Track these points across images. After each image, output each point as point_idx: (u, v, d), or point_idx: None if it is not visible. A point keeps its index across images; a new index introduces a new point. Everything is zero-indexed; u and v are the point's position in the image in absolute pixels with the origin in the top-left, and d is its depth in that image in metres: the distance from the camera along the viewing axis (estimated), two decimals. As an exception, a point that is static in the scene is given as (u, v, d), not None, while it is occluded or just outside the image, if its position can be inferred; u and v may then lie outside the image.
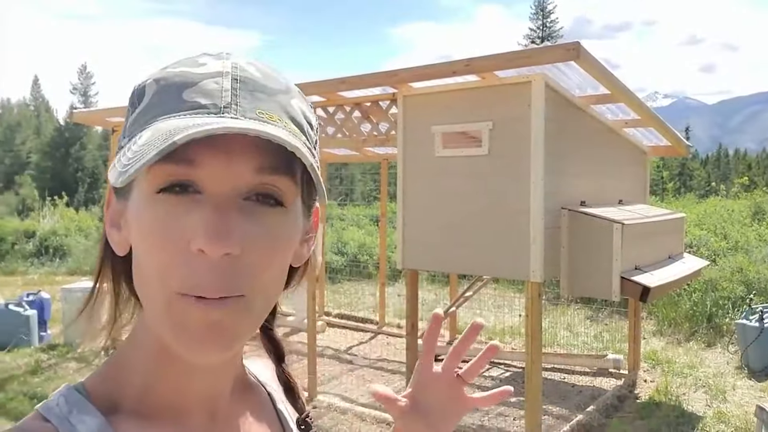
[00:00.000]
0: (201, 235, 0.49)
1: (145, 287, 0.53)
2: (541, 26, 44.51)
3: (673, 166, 29.76)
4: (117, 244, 0.57)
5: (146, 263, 0.52)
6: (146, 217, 0.51)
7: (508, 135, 4.00)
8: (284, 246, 0.55)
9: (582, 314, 8.37)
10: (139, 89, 0.55)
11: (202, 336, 0.51)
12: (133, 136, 0.52)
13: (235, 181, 0.51)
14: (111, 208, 0.58)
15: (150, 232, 0.51)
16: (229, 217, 0.50)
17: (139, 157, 0.47)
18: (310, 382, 5.29)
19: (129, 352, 0.59)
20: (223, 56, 0.55)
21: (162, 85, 0.53)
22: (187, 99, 0.51)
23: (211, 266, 0.49)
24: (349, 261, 11.50)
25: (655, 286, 4.13)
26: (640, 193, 5.76)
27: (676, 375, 5.92)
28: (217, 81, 0.52)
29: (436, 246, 4.36)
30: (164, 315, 0.51)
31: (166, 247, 0.50)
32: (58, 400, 0.54)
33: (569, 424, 4.67)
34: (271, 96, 0.54)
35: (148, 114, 0.52)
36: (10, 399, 5.39)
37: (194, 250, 0.49)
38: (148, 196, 0.51)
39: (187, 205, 0.50)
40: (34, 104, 75.13)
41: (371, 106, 4.81)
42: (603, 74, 4.05)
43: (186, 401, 0.59)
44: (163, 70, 0.55)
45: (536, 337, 3.97)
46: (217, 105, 0.51)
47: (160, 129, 0.48)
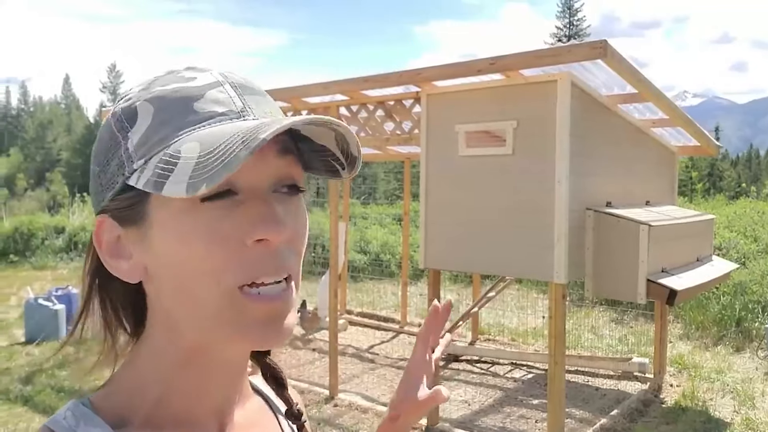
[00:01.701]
0: (261, 226, 0.53)
1: (191, 293, 0.54)
2: (568, 24, 44.06)
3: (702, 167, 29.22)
4: (128, 273, 0.57)
5: (194, 271, 0.53)
6: (194, 226, 0.52)
7: (533, 134, 3.96)
8: (306, 230, 0.60)
9: (607, 316, 8.26)
10: (127, 111, 0.55)
11: (266, 327, 0.55)
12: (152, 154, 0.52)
13: (265, 171, 0.55)
14: (106, 239, 0.57)
15: (200, 239, 0.52)
16: (276, 206, 0.55)
17: (217, 160, 0.48)
18: (332, 381, 5.30)
19: (138, 368, 0.60)
20: (203, 69, 0.58)
21: (163, 102, 0.54)
22: (200, 110, 0.53)
23: (270, 254, 0.54)
24: (372, 260, 11.50)
25: (682, 289, 4.05)
26: (668, 193, 5.66)
27: (703, 380, 5.81)
28: (220, 90, 0.55)
29: (458, 246, 4.34)
30: (224, 311, 0.53)
31: (221, 248, 0.52)
32: (65, 414, 0.55)
33: (592, 427, 4.60)
34: (263, 97, 0.59)
35: (161, 131, 0.53)
36: (39, 392, 5.50)
37: (250, 243, 0.53)
38: (189, 207, 0.52)
39: (230, 206, 0.53)
40: (65, 102, 76.71)
41: (395, 104, 4.80)
42: (630, 73, 3.98)
43: (200, 412, 0.60)
44: (149, 90, 0.56)
45: (560, 339, 3.92)
46: (234, 111, 0.54)
47: (214, 135, 0.50)
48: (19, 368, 6.20)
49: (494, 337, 7.41)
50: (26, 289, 8.52)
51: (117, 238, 0.57)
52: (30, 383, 5.72)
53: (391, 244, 12.15)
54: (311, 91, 5.08)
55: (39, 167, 54.54)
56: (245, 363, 0.65)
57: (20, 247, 13.67)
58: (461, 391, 5.53)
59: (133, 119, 0.55)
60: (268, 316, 0.54)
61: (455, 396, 5.41)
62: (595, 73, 4.22)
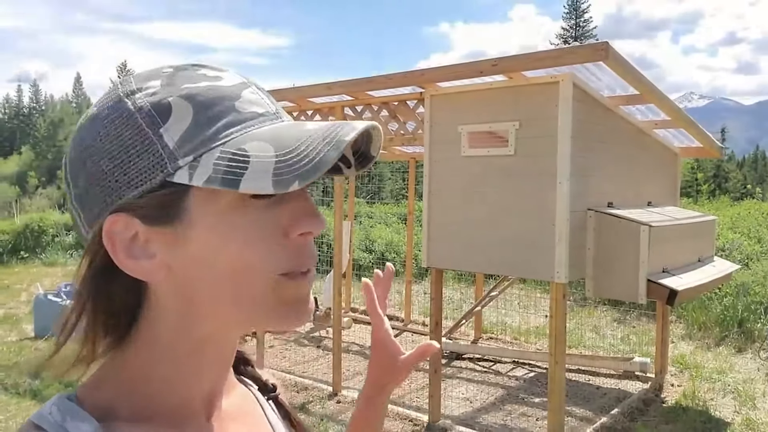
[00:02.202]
0: (306, 220, 0.58)
1: (231, 284, 0.56)
2: (575, 25, 43.92)
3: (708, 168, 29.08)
4: (148, 272, 0.55)
5: (239, 262, 0.55)
6: (242, 221, 0.55)
7: (535, 135, 4.01)
8: None
9: (609, 316, 8.29)
10: (160, 106, 0.53)
11: (300, 306, 0.59)
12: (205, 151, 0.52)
13: None
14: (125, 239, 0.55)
15: (248, 233, 0.55)
16: (313, 202, 0.59)
17: (305, 159, 0.51)
18: (335, 377, 5.36)
19: (127, 363, 0.59)
20: (221, 68, 0.59)
21: (201, 101, 0.54)
22: (243, 110, 0.55)
23: (308, 245, 0.59)
24: (377, 258, 11.57)
25: (682, 290, 4.08)
26: (671, 194, 5.69)
27: (705, 380, 5.84)
28: (252, 91, 0.58)
29: (461, 245, 4.39)
30: (269, 296, 0.57)
31: (266, 240, 0.56)
32: (50, 409, 0.54)
33: (593, 426, 4.65)
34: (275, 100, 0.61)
35: (207, 128, 0.53)
36: (47, 386, 5.59)
37: (294, 236, 0.57)
38: (239, 204, 0.54)
39: (274, 203, 0.56)
40: (76, 101, 77.09)
41: (399, 105, 4.86)
42: (632, 74, 4.02)
43: (187, 403, 0.61)
44: (174, 87, 0.55)
45: (560, 339, 3.97)
46: (270, 112, 0.57)
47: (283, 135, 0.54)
48: (28, 363, 6.29)
49: (497, 335, 7.45)
50: (36, 285, 8.64)
51: (133, 237, 0.55)
52: (38, 377, 5.81)
53: (396, 243, 12.21)
54: (316, 92, 5.15)
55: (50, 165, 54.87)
56: (234, 353, 0.66)
57: (31, 243, 13.82)
58: (463, 389, 5.59)
59: (167, 115, 0.53)
60: (298, 299, 0.59)
61: (457, 393, 5.46)
62: (598, 75, 4.26)
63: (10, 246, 13.66)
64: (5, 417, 4.93)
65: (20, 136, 69.04)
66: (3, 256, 13.44)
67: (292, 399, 5.20)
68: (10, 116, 77.06)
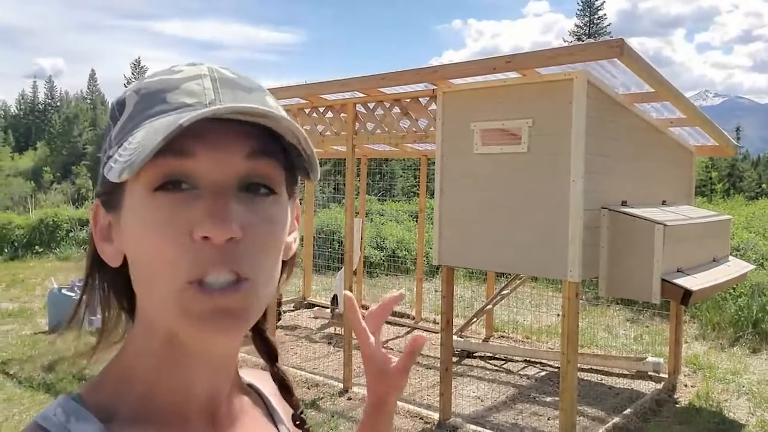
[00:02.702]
0: (204, 222, 0.51)
1: (149, 284, 0.54)
2: (588, 23, 43.60)
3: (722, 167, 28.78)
4: (110, 257, 0.58)
5: (151, 260, 0.53)
6: (146, 216, 0.53)
7: (548, 132, 3.97)
8: (279, 232, 0.58)
9: (622, 315, 8.23)
10: (118, 102, 0.57)
11: (211, 321, 0.53)
12: (122, 142, 0.53)
13: (229, 169, 0.54)
14: (99, 223, 0.59)
15: (152, 229, 0.53)
16: (229, 204, 0.53)
17: (142, 150, 0.49)
18: (346, 374, 5.36)
19: (126, 360, 0.60)
20: (196, 63, 0.59)
21: (143, 93, 0.55)
22: (171, 101, 0.54)
23: (216, 251, 0.52)
24: (388, 256, 11.56)
25: (697, 289, 4.05)
26: (685, 193, 5.63)
27: (719, 381, 5.78)
28: (197, 82, 0.55)
29: (472, 243, 4.37)
30: (173, 305, 0.53)
31: (170, 241, 0.52)
32: (55, 410, 0.55)
33: (605, 426, 4.61)
34: (249, 93, 0.57)
35: (134, 120, 0.54)
36: (60, 379, 5.64)
37: (198, 239, 0.52)
38: (145, 196, 0.53)
39: (185, 200, 0.53)
40: (90, 98, 77.73)
41: (411, 102, 4.84)
42: (647, 72, 3.98)
43: (187, 405, 0.60)
44: (140, 82, 0.58)
45: (572, 338, 3.94)
46: (202, 102, 0.53)
47: (156, 125, 0.51)
48: (41, 356, 6.35)
49: (508, 334, 7.42)
50: (50, 279, 8.72)
51: (108, 223, 0.58)
52: (52, 371, 5.87)
53: (407, 240, 12.20)
54: (328, 88, 5.14)
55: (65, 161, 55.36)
56: (230, 359, 0.64)
57: (45, 238, 13.95)
58: (474, 387, 5.57)
59: (122, 108, 0.56)
60: (212, 311, 0.52)
61: (468, 392, 5.44)
62: (612, 72, 4.22)
63: (25, 241, 13.80)
64: (19, 410, 4.98)
65: (35, 132, 69.77)
66: (18, 250, 13.58)
67: (302, 395, 5.21)
68: (26, 112, 77.90)
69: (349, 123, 5.18)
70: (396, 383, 0.78)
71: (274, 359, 0.74)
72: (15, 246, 13.67)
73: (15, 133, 69.96)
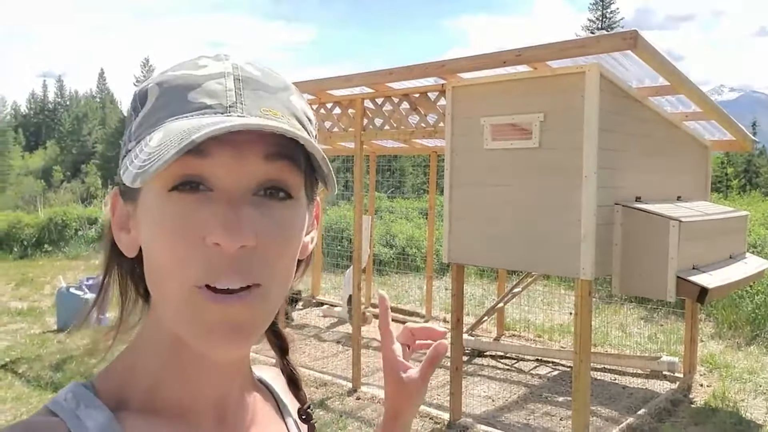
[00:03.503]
0: (216, 229, 0.50)
1: (160, 284, 0.54)
2: (601, 17, 43.26)
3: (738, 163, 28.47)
4: (126, 247, 0.58)
5: (162, 260, 0.52)
6: (159, 215, 0.52)
7: (560, 127, 3.89)
8: (295, 236, 0.57)
9: (636, 314, 8.12)
10: (141, 93, 0.56)
11: (219, 330, 0.52)
12: (141, 138, 0.53)
13: (245, 173, 0.53)
14: (118, 211, 0.59)
15: (164, 230, 0.52)
16: (242, 211, 0.52)
17: (157, 157, 0.48)
18: (354, 373, 5.31)
19: (138, 350, 0.60)
20: (222, 57, 0.57)
21: (165, 88, 0.54)
22: (193, 100, 0.53)
23: (229, 259, 0.51)
24: (398, 254, 11.50)
25: (713, 287, 3.95)
26: (701, 189, 5.51)
27: (735, 380, 5.67)
28: (219, 82, 0.54)
29: (482, 240, 4.29)
30: (182, 310, 0.52)
31: (182, 242, 0.51)
32: (66, 396, 0.55)
33: (618, 426, 4.53)
34: (272, 94, 0.56)
35: (153, 116, 0.53)
36: (68, 378, 5.62)
37: (210, 244, 0.51)
38: (160, 194, 0.52)
39: (199, 201, 0.52)
40: (99, 96, 78.32)
41: (420, 97, 4.76)
42: (662, 64, 3.88)
43: (195, 400, 0.60)
44: (163, 74, 0.56)
45: (585, 337, 3.86)
46: (223, 104, 0.52)
47: (173, 129, 0.50)
48: (50, 355, 6.35)
49: (520, 333, 7.33)
50: (59, 278, 8.73)
51: (126, 212, 0.58)
52: (60, 370, 5.86)
53: (417, 238, 12.13)
54: (336, 84, 5.07)
55: (75, 160, 55.81)
56: (243, 358, 0.64)
57: (54, 237, 14.02)
58: (485, 387, 5.49)
59: (144, 101, 0.55)
60: (220, 323, 0.52)
61: (479, 392, 5.37)
62: (626, 65, 4.12)
63: (35, 239, 13.87)
64: (27, 409, 4.96)
65: (46, 131, 70.34)
66: (27, 249, 13.65)
67: (311, 395, 5.15)
68: (36, 111, 78.57)
69: (357, 119, 5.11)
70: (412, 392, 0.75)
71: (284, 352, 0.74)
72: (24, 245, 13.76)
73: (25, 132, 70.58)
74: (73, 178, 45.56)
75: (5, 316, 8.10)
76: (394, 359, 0.76)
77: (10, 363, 6.13)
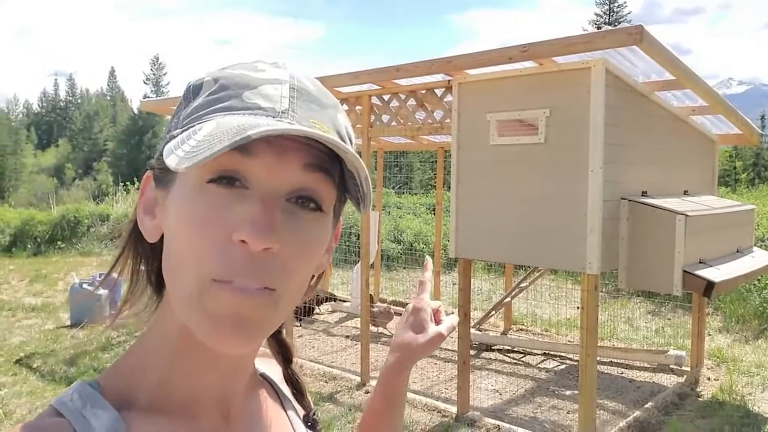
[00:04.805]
0: (246, 227, 0.51)
1: (177, 274, 0.54)
2: (608, 11, 42.90)
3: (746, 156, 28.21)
4: (149, 231, 0.58)
5: (182, 250, 0.53)
6: (191, 205, 0.53)
7: (566, 122, 3.91)
8: (317, 250, 0.57)
9: (643, 308, 8.12)
10: (195, 85, 0.57)
11: (226, 323, 0.52)
12: (188, 127, 0.54)
13: (283, 177, 0.53)
14: (146, 195, 0.59)
15: (193, 219, 0.52)
16: (274, 214, 0.52)
17: (208, 146, 0.48)
18: (363, 368, 5.36)
19: (146, 346, 0.60)
20: (280, 65, 0.58)
21: (221, 83, 0.55)
22: (247, 100, 0.53)
23: (250, 257, 0.51)
24: (405, 249, 11.52)
25: (720, 281, 3.96)
26: (708, 183, 5.51)
27: (743, 374, 5.67)
28: (276, 87, 0.55)
29: (489, 235, 4.32)
30: (196, 301, 0.52)
31: (207, 235, 0.51)
32: (71, 396, 0.55)
33: (625, 420, 4.55)
34: (323, 108, 0.57)
35: (205, 108, 0.54)
36: (82, 373, 5.71)
37: (236, 241, 0.51)
38: (197, 185, 0.53)
39: (233, 197, 0.52)
40: (110, 94, 78.68)
41: (426, 93, 4.79)
42: (668, 59, 3.88)
43: (201, 398, 0.60)
44: (222, 70, 0.58)
45: (592, 331, 3.88)
46: (276, 109, 0.53)
47: (226, 123, 0.51)
48: (64, 350, 6.44)
49: (527, 327, 7.36)
50: (72, 274, 8.83)
51: (155, 197, 0.58)
52: (74, 365, 5.94)
53: (424, 233, 12.15)
54: (342, 81, 5.10)
55: (86, 157, 56.15)
56: (246, 360, 0.63)
57: (67, 233, 14.14)
58: (492, 381, 5.53)
59: (197, 92, 0.56)
60: (230, 315, 0.51)
61: (486, 385, 5.41)
62: (632, 60, 4.13)
63: (48, 236, 14.00)
64: (42, 403, 5.04)
65: (57, 129, 70.78)
66: (41, 246, 13.79)
67: (320, 389, 5.22)
68: (48, 110, 79.04)
69: (364, 115, 5.15)
70: (430, 345, 0.84)
71: (288, 361, 0.75)
72: (38, 242, 13.89)
73: (37, 130, 71.07)
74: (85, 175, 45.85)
75: (20, 312, 8.20)
76: (427, 309, 0.85)
77: (24, 358, 6.23)
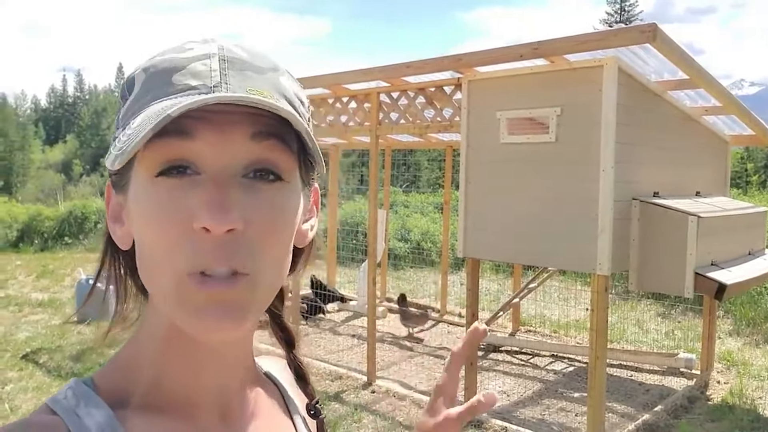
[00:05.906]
0: (203, 212, 0.49)
1: (151, 273, 0.53)
2: (619, 10, 42.68)
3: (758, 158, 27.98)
4: (120, 239, 0.57)
5: (151, 248, 0.52)
6: (147, 202, 0.51)
7: (577, 121, 3.86)
8: (286, 221, 0.55)
9: (653, 310, 8.05)
10: (128, 81, 0.55)
11: (207, 310, 0.50)
12: (126, 125, 0.52)
13: (232, 153, 0.51)
14: (111, 203, 0.58)
15: (152, 216, 0.51)
16: (229, 193, 0.50)
17: (135, 137, 0.47)
18: (370, 367, 5.33)
19: (137, 345, 0.59)
20: (208, 40, 0.56)
21: (151, 72, 0.53)
22: (177, 82, 0.51)
23: (216, 244, 0.49)
24: (413, 248, 11.49)
25: (732, 284, 3.90)
26: (720, 184, 5.45)
27: (753, 377, 5.61)
28: (204, 63, 0.52)
29: (498, 235, 4.28)
30: (173, 297, 0.51)
31: (170, 229, 0.50)
32: (65, 393, 0.54)
33: (634, 423, 4.50)
34: (260, 74, 0.54)
35: (139, 102, 0.52)
36: (88, 369, 5.71)
37: (198, 229, 0.49)
38: (147, 181, 0.51)
39: (187, 186, 0.50)
40: (118, 90, 79.09)
41: (435, 91, 4.75)
42: (681, 58, 3.83)
43: (196, 395, 0.58)
44: (151, 59, 0.55)
45: (601, 333, 3.84)
46: (207, 85, 0.51)
47: (153, 110, 0.49)
48: (70, 346, 6.45)
49: (535, 328, 7.31)
50: (78, 270, 8.84)
51: (119, 204, 0.57)
52: (80, 361, 5.95)
53: (432, 232, 12.11)
54: (351, 78, 5.07)
55: (94, 153, 56.45)
56: (241, 352, 0.62)
57: (74, 229, 14.21)
58: (500, 382, 5.49)
59: (131, 88, 0.54)
60: (208, 302, 0.50)
61: (494, 386, 5.37)
62: (644, 59, 4.07)
63: (55, 232, 14.07)
64: (47, 399, 5.04)
65: (65, 125, 71.19)
66: (48, 242, 13.86)
67: (326, 388, 5.19)
68: (56, 105, 79.50)
69: (372, 113, 5.11)
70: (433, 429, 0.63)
71: (291, 346, 0.73)
72: (45, 237, 13.97)
73: (45, 126, 71.47)
74: (93, 171, 46.08)
75: (27, 307, 8.23)
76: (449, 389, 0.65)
77: (31, 353, 6.24)
